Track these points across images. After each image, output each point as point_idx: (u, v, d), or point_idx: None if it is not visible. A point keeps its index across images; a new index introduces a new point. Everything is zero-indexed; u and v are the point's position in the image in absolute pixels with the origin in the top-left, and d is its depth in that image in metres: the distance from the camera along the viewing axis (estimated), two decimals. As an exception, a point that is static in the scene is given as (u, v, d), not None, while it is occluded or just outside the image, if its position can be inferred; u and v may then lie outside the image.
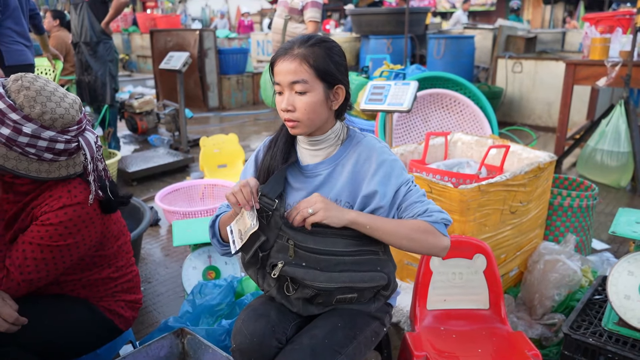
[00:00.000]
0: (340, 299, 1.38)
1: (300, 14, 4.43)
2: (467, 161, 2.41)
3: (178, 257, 3.01)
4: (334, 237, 1.32)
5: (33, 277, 1.44)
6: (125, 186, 4.21)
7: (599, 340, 1.73)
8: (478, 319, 1.84)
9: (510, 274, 2.33)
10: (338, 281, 1.32)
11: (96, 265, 1.62)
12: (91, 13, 4.80)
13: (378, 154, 1.38)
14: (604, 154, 4.04)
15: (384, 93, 2.81)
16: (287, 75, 1.30)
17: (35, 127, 1.35)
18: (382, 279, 1.37)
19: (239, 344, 1.32)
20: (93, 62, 4.91)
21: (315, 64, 1.29)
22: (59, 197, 1.45)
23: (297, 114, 1.32)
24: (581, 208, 2.51)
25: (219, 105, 7.96)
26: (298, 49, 1.30)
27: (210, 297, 2.02)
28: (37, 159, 1.39)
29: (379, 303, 1.46)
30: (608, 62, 4.03)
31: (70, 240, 1.45)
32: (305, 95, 1.30)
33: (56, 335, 1.54)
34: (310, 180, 1.42)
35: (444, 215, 1.35)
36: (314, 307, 1.41)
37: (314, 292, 1.33)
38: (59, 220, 1.43)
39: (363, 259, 1.35)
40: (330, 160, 1.41)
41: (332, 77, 1.32)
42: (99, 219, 1.53)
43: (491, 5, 16.79)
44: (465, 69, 6.79)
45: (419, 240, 1.31)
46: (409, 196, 1.36)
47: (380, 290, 1.42)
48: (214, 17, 18.31)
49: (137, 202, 2.72)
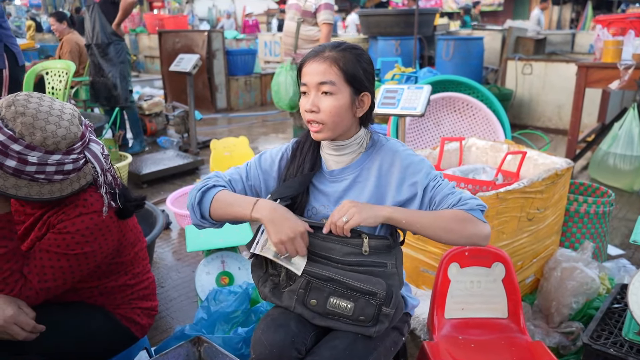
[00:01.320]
0: (334, 305, 1.30)
1: (314, 16, 4.42)
2: (482, 167, 2.39)
3: (190, 261, 3.00)
4: (333, 243, 1.32)
5: (50, 285, 1.43)
6: (136, 189, 4.21)
7: (620, 351, 1.71)
8: (497, 328, 1.82)
9: (527, 281, 2.30)
10: (330, 270, 1.30)
11: (113, 272, 1.62)
12: (102, 14, 4.82)
13: (402, 158, 1.39)
14: (617, 157, 4.01)
15: (397, 97, 2.80)
16: (316, 76, 1.30)
17: (41, 155, 1.31)
18: (380, 287, 1.27)
19: (259, 354, 1.31)
20: (104, 64, 4.93)
21: (344, 67, 1.30)
22: (75, 206, 1.44)
23: (322, 116, 1.31)
24: (597, 214, 2.49)
25: (227, 106, 7.96)
26: (329, 52, 1.31)
27: (226, 304, 2.01)
28: (48, 182, 1.37)
29: (381, 327, 1.31)
30: (621, 64, 3.99)
31: (87, 248, 1.45)
32: (331, 97, 1.30)
33: (73, 342, 1.54)
34: (337, 185, 1.42)
35: (479, 201, 1.33)
36: (309, 312, 1.34)
37: (306, 281, 1.31)
38: (76, 229, 1.42)
39: (364, 269, 1.32)
40: (355, 164, 1.41)
41: (360, 83, 1.33)
42: (115, 227, 1.52)
43: (499, 6, 16.73)
44: (474, 70, 6.77)
45: (457, 231, 1.28)
46: (439, 190, 1.35)
47: (382, 307, 1.29)
48: (220, 17, 18.32)
49: (150, 206, 2.72)
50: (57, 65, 4.50)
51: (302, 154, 1.46)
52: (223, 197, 1.37)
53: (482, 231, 1.30)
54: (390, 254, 1.33)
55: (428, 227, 1.29)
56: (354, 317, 1.30)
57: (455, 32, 8.36)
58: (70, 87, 4.63)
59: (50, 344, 1.48)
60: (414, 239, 2.23)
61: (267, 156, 1.51)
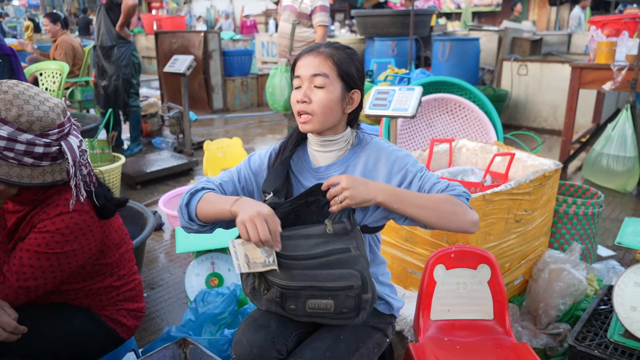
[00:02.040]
0: (314, 306, 1.28)
1: (309, 18, 4.42)
2: (471, 169, 2.40)
3: (182, 262, 3.00)
4: (297, 240, 1.30)
5: (30, 284, 1.42)
6: (130, 190, 4.22)
7: (604, 353, 1.71)
8: (482, 330, 1.82)
9: (515, 282, 2.31)
10: (299, 279, 1.26)
11: (98, 274, 1.62)
12: (107, 17, 4.80)
13: (388, 154, 1.41)
14: (610, 158, 4.01)
15: (388, 98, 2.80)
16: (310, 68, 1.34)
17: (12, 130, 1.32)
18: (354, 278, 1.26)
19: (239, 355, 1.32)
20: (107, 66, 4.92)
21: (338, 62, 1.34)
22: (56, 205, 1.44)
23: (313, 106, 1.34)
24: (587, 216, 2.49)
25: (224, 107, 7.96)
26: (324, 48, 1.36)
27: (213, 306, 2.02)
28: (18, 163, 1.36)
29: (363, 313, 1.30)
30: (614, 65, 4.00)
31: (68, 247, 1.44)
32: (323, 90, 1.34)
33: (57, 344, 1.54)
34: (323, 182, 1.42)
35: (465, 189, 1.36)
36: (290, 314, 1.33)
37: (279, 292, 1.29)
38: (56, 228, 1.41)
39: (330, 259, 1.28)
40: (341, 161, 1.43)
41: (352, 79, 1.37)
42: (97, 227, 1.51)
43: (497, 6, 16.72)
44: (470, 71, 6.77)
45: (448, 214, 1.29)
46: (427, 179, 1.37)
47: (361, 295, 1.28)
48: (219, 17, 18.33)
49: (141, 207, 2.71)
50: (51, 67, 4.51)
51: (287, 150, 1.47)
52: (209, 197, 1.37)
53: (472, 216, 1.32)
54: (349, 237, 1.30)
55: (420, 209, 1.30)
56: (337, 312, 1.29)
57: (452, 33, 8.36)
58: (64, 88, 4.63)
59: (33, 345, 1.48)
60: (401, 241, 2.24)
61: (256, 157, 1.52)
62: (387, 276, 1.62)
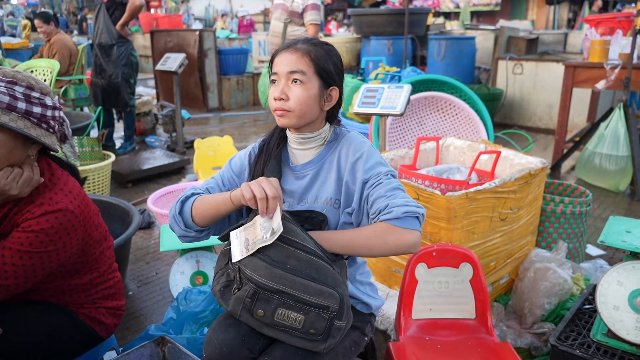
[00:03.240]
0: (282, 317, 1.22)
1: (301, 17, 4.42)
2: (457, 167, 2.38)
3: (169, 261, 2.99)
4: (294, 225, 1.28)
5: (10, 282, 1.41)
6: (120, 188, 4.20)
7: (586, 352, 1.70)
8: (464, 329, 1.80)
9: (501, 281, 2.29)
10: (278, 281, 1.19)
11: (77, 271, 1.61)
12: (107, 15, 4.76)
13: (355, 149, 1.38)
14: (603, 157, 4.00)
15: (377, 96, 2.79)
16: (287, 65, 1.33)
17: (23, 89, 1.41)
18: (333, 300, 1.19)
19: (209, 354, 1.30)
20: (107, 65, 4.88)
21: (315, 59, 1.33)
22: (40, 204, 1.43)
23: (290, 103, 1.33)
24: (574, 214, 2.47)
25: (219, 105, 7.94)
26: (301, 44, 1.35)
27: (194, 304, 2.00)
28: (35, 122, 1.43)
29: (332, 341, 1.23)
30: (607, 64, 3.99)
31: (51, 247, 1.44)
32: (300, 86, 1.33)
33: (34, 342, 1.52)
34: (299, 182, 1.43)
35: (409, 207, 1.23)
36: (256, 321, 1.25)
37: (252, 290, 1.22)
38: (40, 228, 1.41)
39: (322, 265, 1.24)
40: (316, 159, 1.42)
41: (330, 76, 1.36)
42: (80, 226, 1.51)
43: (496, 5, 16.69)
44: (465, 70, 6.76)
45: (378, 246, 1.25)
46: (376, 190, 1.30)
47: (334, 321, 1.21)
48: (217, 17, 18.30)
49: (127, 205, 2.70)
50: (42, 65, 4.49)
51: (268, 150, 1.46)
52: (202, 199, 1.37)
53: (406, 241, 1.23)
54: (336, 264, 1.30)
55: (349, 249, 1.29)
56: (304, 330, 1.22)
57: (448, 32, 8.34)
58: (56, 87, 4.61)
59: (9, 343, 1.47)
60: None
61: (237, 159, 1.51)
62: (366, 275, 1.60)
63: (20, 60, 7.46)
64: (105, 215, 2.64)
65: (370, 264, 2.29)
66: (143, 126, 5.84)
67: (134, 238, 3.23)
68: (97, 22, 4.84)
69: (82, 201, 1.54)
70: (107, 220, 2.57)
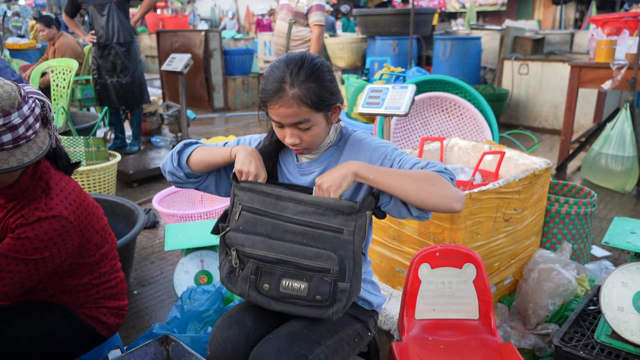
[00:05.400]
0: (287, 287, 1.26)
1: (305, 17, 4.43)
2: (461, 167, 2.38)
3: (174, 260, 3.00)
4: (287, 201, 1.30)
5: (7, 289, 1.41)
6: (126, 188, 4.22)
7: (590, 354, 1.70)
8: (467, 330, 1.80)
9: (505, 282, 2.29)
10: (277, 251, 1.24)
11: (75, 272, 1.60)
12: (121, 13, 4.78)
13: (367, 143, 1.40)
14: (609, 158, 3.98)
15: (382, 97, 2.78)
16: (288, 118, 1.28)
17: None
18: (331, 261, 1.23)
19: (214, 351, 1.32)
20: (129, 63, 4.87)
21: (312, 103, 1.26)
22: (34, 210, 1.42)
23: (304, 144, 1.33)
24: (579, 215, 2.46)
25: (224, 106, 7.96)
26: (291, 89, 1.24)
27: (198, 303, 2.01)
28: None
29: (339, 305, 1.25)
30: (614, 64, 3.97)
31: (47, 253, 1.43)
32: (309, 129, 1.30)
33: (33, 343, 1.52)
34: (304, 178, 1.44)
35: (448, 168, 1.30)
36: (264, 298, 1.30)
37: (255, 266, 1.28)
38: (35, 234, 1.40)
39: (317, 233, 1.26)
40: (324, 157, 1.42)
41: (328, 101, 1.31)
42: (75, 232, 1.50)
43: (502, 5, 16.62)
44: (471, 70, 6.74)
45: (428, 187, 1.22)
46: (406, 161, 1.33)
47: (337, 283, 1.24)
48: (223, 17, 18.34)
49: (132, 204, 2.72)
50: (61, 64, 4.53)
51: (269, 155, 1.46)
52: (204, 147, 1.45)
53: (455, 192, 1.24)
54: (350, 218, 1.27)
55: (397, 183, 1.24)
56: (310, 298, 1.25)
57: (454, 32, 8.32)
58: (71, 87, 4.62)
59: (8, 343, 1.47)
60: (389, 239, 2.22)
61: (247, 139, 1.54)
62: (368, 274, 1.60)
63: (28, 61, 7.49)
64: (110, 214, 2.67)
65: (373, 264, 2.29)
66: (149, 126, 5.87)
67: (139, 237, 3.25)
68: (109, 22, 4.77)
69: (79, 206, 1.51)
70: (113, 220, 2.60)
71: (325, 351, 1.28)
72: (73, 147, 3.49)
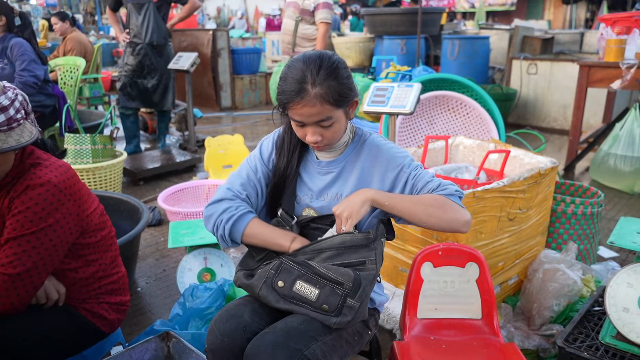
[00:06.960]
0: (299, 289, 1.31)
1: (312, 15, 4.43)
2: (466, 166, 2.36)
3: (177, 258, 3.00)
4: (309, 254, 1.36)
5: (20, 270, 1.39)
6: (132, 186, 4.24)
7: (594, 355, 1.67)
8: (469, 329, 1.79)
9: (510, 282, 2.27)
10: (305, 256, 1.35)
11: (80, 256, 1.59)
12: (158, 14, 4.76)
13: (385, 151, 1.44)
14: (618, 158, 3.93)
15: (387, 95, 2.77)
16: (311, 117, 1.32)
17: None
18: (347, 277, 1.28)
19: (211, 344, 1.34)
20: (158, 65, 4.83)
21: (334, 100, 1.30)
22: (22, 181, 1.44)
23: (325, 141, 1.38)
24: (585, 215, 2.43)
25: (232, 105, 7.98)
26: (313, 88, 1.27)
27: (200, 301, 2.01)
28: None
29: (343, 318, 1.30)
30: (623, 64, 3.92)
31: (43, 224, 1.42)
32: (331, 127, 1.35)
33: (33, 339, 1.52)
34: (323, 178, 1.47)
35: (457, 187, 1.40)
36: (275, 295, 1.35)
37: (278, 262, 1.36)
38: (26, 207, 1.41)
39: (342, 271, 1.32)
40: (342, 158, 1.47)
41: (347, 97, 1.35)
42: (68, 200, 1.49)
43: (511, 5, 16.51)
44: (479, 70, 6.70)
45: (438, 214, 1.33)
46: (420, 177, 1.40)
47: (347, 298, 1.29)
48: (232, 16, 18.38)
49: (136, 202, 2.73)
50: (69, 62, 4.56)
51: (289, 148, 1.49)
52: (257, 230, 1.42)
53: (462, 216, 1.35)
54: (369, 248, 1.33)
55: (409, 210, 1.34)
56: (317, 305, 1.30)
57: (462, 32, 8.28)
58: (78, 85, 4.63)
59: (9, 339, 1.48)
60: (392, 238, 2.21)
61: (264, 150, 1.54)
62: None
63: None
64: (114, 212, 2.69)
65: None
66: (155, 124, 5.88)
67: (144, 235, 3.26)
68: (144, 22, 4.72)
69: (70, 177, 1.52)
70: (117, 217, 2.61)
71: (322, 347, 1.27)
72: (79, 144, 3.51)
